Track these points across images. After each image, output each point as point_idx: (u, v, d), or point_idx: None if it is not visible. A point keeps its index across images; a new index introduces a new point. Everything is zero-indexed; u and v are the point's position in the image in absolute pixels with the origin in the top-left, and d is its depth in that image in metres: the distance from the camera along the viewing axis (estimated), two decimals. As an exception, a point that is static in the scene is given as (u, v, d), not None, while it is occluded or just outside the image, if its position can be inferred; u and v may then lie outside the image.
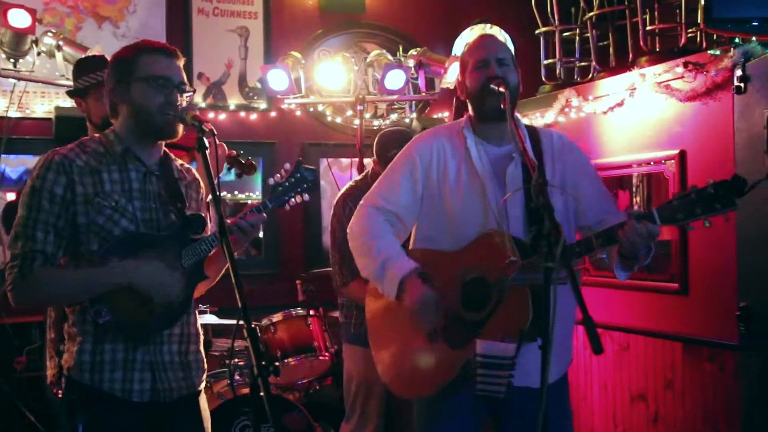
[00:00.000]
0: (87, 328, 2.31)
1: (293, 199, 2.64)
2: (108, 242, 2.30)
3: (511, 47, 5.68)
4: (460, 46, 5.90)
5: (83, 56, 4.14)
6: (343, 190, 3.92)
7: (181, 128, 2.40)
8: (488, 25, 5.91)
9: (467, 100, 2.73)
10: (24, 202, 2.29)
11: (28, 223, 2.26)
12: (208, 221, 2.61)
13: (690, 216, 2.14)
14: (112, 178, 2.35)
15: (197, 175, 2.64)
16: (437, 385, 2.56)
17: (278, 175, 2.64)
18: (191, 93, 2.44)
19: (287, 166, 2.65)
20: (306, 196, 2.66)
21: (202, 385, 2.52)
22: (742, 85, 3.49)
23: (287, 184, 2.62)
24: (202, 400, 2.54)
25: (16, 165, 5.04)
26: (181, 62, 2.43)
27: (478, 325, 2.47)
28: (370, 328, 2.89)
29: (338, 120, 5.89)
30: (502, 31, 5.92)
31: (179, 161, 2.60)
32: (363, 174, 3.96)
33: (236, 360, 4.29)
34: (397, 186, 2.72)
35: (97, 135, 2.44)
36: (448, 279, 2.56)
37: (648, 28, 4.53)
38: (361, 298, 3.53)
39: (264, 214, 2.53)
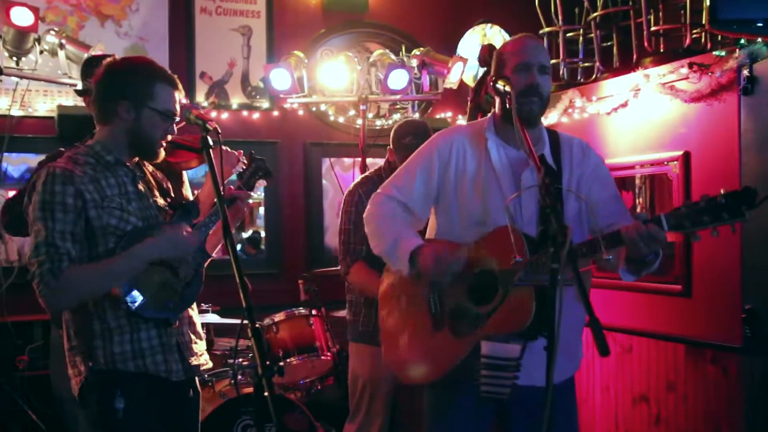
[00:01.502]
0: (122, 322, 2.44)
1: (256, 185, 2.97)
2: (124, 237, 2.42)
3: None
4: (464, 46, 5.90)
5: (92, 55, 4.09)
6: (357, 180, 3.93)
7: (162, 155, 2.60)
8: (488, 25, 5.90)
9: (496, 97, 2.69)
10: (37, 217, 2.36)
11: (48, 234, 2.34)
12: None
13: (697, 224, 2.14)
14: (109, 183, 2.48)
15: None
16: (439, 371, 2.62)
17: (241, 165, 2.99)
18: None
19: (243, 158, 2.99)
20: (264, 182, 3.00)
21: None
22: (749, 86, 3.48)
23: (249, 171, 2.95)
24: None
25: (19, 164, 5.03)
26: (181, 94, 2.62)
27: (483, 317, 2.52)
28: (384, 331, 2.92)
29: (341, 120, 5.89)
30: (502, 30, 5.91)
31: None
32: (377, 167, 3.96)
33: (239, 359, 4.28)
34: (412, 179, 2.76)
35: (81, 149, 2.54)
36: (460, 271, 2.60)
37: (652, 28, 4.52)
38: (364, 283, 3.57)
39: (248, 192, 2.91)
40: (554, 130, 2.80)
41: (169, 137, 2.58)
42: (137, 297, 2.41)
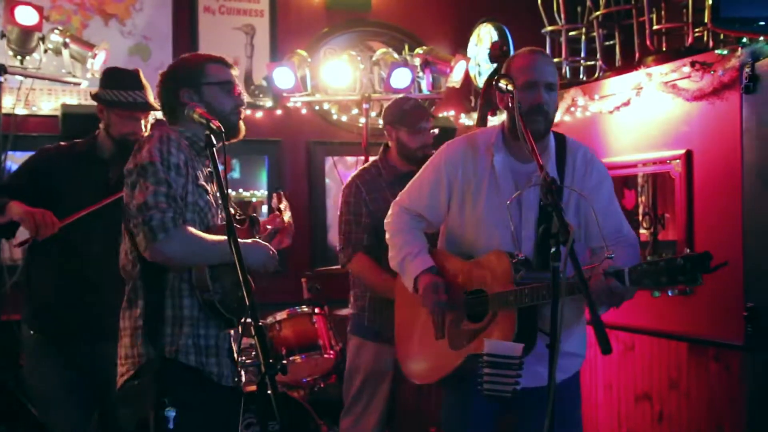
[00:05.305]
0: (194, 313, 2.43)
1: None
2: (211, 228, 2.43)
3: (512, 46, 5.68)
4: (473, 45, 5.90)
5: (119, 67, 3.62)
6: (354, 172, 3.93)
7: (243, 129, 2.63)
8: (484, 24, 5.90)
9: (506, 112, 2.74)
10: (151, 174, 2.33)
11: (169, 190, 2.33)
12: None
13: (656, 283, 2.21)
14: (197, 166, 2.49)
15: None
16: (436, 376, 2.87)
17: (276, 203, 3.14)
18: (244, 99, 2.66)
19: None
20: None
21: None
22: (751, 84, 3.48)
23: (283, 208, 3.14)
24: None
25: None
26: (236, 72, 2.66)
27: (474, 333, 2.69)
28: (397, 323, 3.14)
29: (344, 118, 5.89)
30: (492, 29, 5.90)
31: None
32: (374, 160, 3.96)
33: (243, 358, 4.29)
34: (424, 191, 2.91)
35: (169, 129, 2.52)
36: (456, 285, 2.80)
37: (654, 27, 4.53)
38: (365, 274, 3.62)
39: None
40: (562, 135, 2.83)
41: (241, 109, 2.61)
42: (219, 289, 2.40)
